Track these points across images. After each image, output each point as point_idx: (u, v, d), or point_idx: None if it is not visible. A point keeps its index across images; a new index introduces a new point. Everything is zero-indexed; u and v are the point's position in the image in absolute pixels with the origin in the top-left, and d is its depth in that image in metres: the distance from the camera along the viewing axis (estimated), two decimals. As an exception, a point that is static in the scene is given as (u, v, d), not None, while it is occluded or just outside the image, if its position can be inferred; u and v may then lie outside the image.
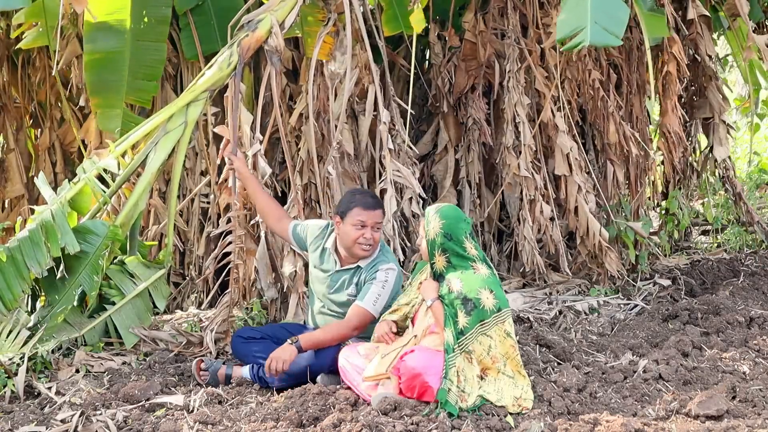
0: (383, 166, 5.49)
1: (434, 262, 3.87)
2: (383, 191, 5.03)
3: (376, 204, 4.24)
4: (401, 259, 5.43)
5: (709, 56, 6.87)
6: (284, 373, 4.01)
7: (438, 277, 3.88)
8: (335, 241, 4.31)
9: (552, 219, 6.07)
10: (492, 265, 4.21)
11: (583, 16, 4.41)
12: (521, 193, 6.11)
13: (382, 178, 5.04)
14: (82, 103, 6.04)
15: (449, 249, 3.82)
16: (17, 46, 6.38)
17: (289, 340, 4.06)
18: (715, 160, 7.13)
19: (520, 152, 6.04)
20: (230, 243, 4.83)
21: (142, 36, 5.46)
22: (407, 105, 5.33)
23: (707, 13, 6.45)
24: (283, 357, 3.98)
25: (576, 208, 6.05)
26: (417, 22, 5.03)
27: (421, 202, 5.26)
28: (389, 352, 3.77)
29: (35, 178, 7.45)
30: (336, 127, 5.03)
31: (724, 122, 7.13)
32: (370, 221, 4.16)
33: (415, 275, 4.10)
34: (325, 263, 4.33)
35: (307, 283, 4.73)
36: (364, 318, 4.11)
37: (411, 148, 5.36)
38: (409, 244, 5.45)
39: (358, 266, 4.24)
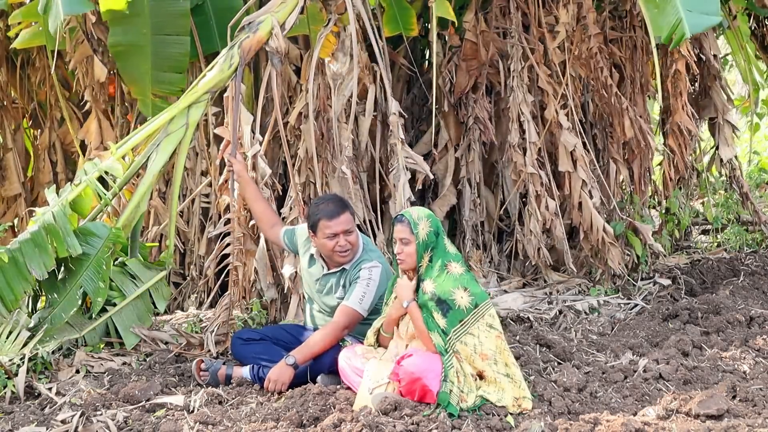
0: (383, 164, 5.51)
1: (420, 265, 3.83)
2: (396, 179, 5.06)
3: (340, 210, 4.19)
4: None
5: (714, 55, 6.89)
6: None
7: (418, 279, 3.84)
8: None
9: (557, 214, 6.09)
10: (466, 261, 4.17)
11: (673, 8, 4.35)
12: (525, 188, 6.12)
13: (395, 166, 5.04)
14: (87, 96, 6.14)
15: (437, 246, 3.81)
16: (12, 46, 6.38)
17: (284, 359, 4.04)
18: (721, 160, 7.13)
19: (525, 150, 6.06)
20: (228, 245, 4.83)
21: (161, 29, 5.47)
22: (407, 105, 5.34)
23: None
24: (281, 379, 3.99)
25: (580, 203, 6.07)
26: (447, 14, 5.10)
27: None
28: (378, 382, 3.69)
29: (36, 178, 7.52)
30: (338, 126, 5.04)
31: (729, 122, 7.15)
32: (338, 229, 4.15)
33: (390, 292, 4.01)
34: (314, 268, 4.37)
35: (306, 284, 4.74)
36: (352, 317, 4.13)
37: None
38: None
39: (343, 268, 4.26)
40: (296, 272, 4.81)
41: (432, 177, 5.24)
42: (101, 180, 4.76)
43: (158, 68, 5.56)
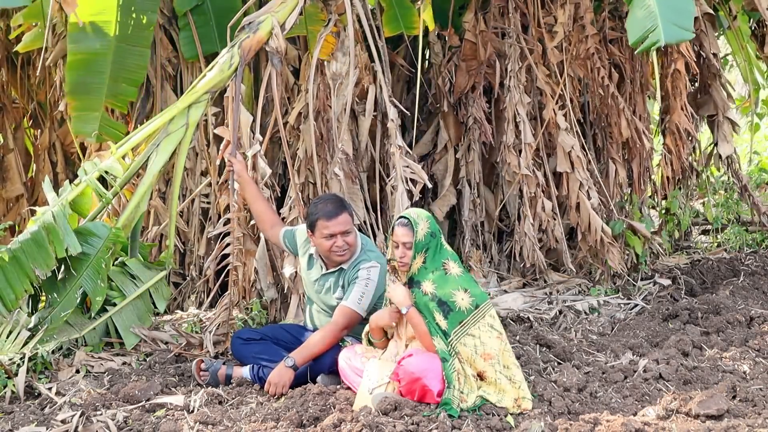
0: (383, 164, 5.51)
1: (412, 264, 3.82)
2: (394, 188, 5.03)
3: (338, 211, 4.19)
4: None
5: (714, 54, 6.91)
6: None
7: (409, 281, 3.83)
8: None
9: (554, 215, 6.08)
10: (462, 261, 4.16)
11: (652, 15, 4.47)
12: (521, 191, 6.12)
13: (392, 176, 5.05)
14: (61, 107, 5.89)
15: (432, 247, 3.80)
16: (15, 49, 6.37)
17: (283, 361, 4.04)
18: (720, 157, 7.16)
19: (521, 151, 6.05)
20: (228, 245, 4.83)
21: (127, 40, 5.38)
22: (407, 105, 5.33)
23: (711, 11, 6.47)
24: (282, 382, 3.98)
25: (578, 204, 6.06)
26: (428, 19, 5.07)
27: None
28: (379, 383, 3.70)
29: (36, 179, 7.52)
30: (337, 126, 5.04)
31: (729, 119, 7.17)
32: (336, 229, 4.15)
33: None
34: (313, 268, 4.37)
35: (306, 284, 4.74)
36: (351, 318, 4.13)
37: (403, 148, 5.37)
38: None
39: (342, 268, 4.26)
40: (296, 272, 4.81)
41: (430, 186, 5.22)
42: (101, 180, 4.76)
43: (115, 79, 5.44)
